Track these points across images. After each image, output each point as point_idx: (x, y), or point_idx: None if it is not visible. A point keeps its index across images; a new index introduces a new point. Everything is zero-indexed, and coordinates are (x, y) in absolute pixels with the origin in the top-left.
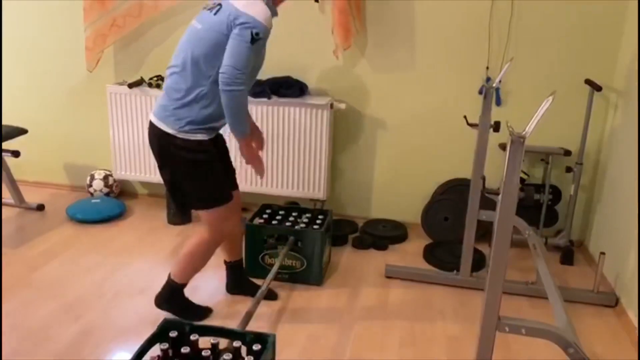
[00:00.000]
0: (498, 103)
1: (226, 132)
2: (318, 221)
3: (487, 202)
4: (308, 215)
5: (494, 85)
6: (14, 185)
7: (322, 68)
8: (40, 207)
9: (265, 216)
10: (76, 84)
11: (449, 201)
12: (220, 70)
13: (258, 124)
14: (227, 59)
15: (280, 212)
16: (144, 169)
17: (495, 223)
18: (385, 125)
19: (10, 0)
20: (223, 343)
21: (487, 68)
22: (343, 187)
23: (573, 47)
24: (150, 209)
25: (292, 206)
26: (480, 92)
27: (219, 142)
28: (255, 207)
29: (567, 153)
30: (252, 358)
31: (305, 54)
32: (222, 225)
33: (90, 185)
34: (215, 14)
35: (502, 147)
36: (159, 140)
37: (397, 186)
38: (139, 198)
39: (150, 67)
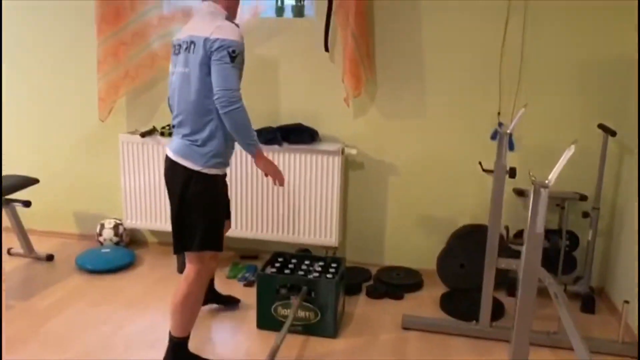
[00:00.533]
0: (511, 148)
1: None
2: (331, 270)
3: (506, 249)
4: (321, 263)
5: (507, 131)
6: (24, 235)
7: (332, 115)
8: (50, 257)
9: (277, 265)
10: (88, 133)
11: (465, 248)
12: (215, 97)
13: None
14: (216, 84)
15: (292, 261)
16: (155, 217)
17: (520, 275)
18: (396, 170)
19: (24, 50)
20: None
21: (499, 113)
22: (355, 234)
23: (585, 91)
24: (160, 258)
25: (304, 254)
26: (492, 138)
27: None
28: (266, 254)
29: (583, 198)
30: None
31: (316, 101)
32: (211, 263)
33: (100, 235)
34: (193, 52)
35: (517, 192)
36: (181, 177)
37: (410, 232)
38: (148, 246)
39: (162, 116)
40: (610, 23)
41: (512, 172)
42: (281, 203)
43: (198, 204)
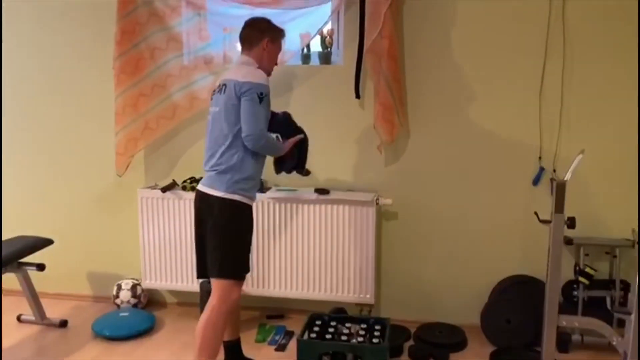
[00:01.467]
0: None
1: None
2: (376, 333)
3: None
4: (364, 325)
5: (565, 178)
6: (36, 300)
7: (363, 163)
8: (64, 323)
9: (315, 329)
10: (104, 189)
11: (510, 301)
12: (243, 135)
13: (301, 224)
14: (245, 125)
15: (332, 323)
16: (175, 277)
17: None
18: (432, 220)
19: (38, 102)
20: None
21: (540, 158)
22: (390, 289)
23: (625, 132)
24: (181, 320)
25: (344, 316)
26: (534, 183)
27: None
28: (293, 313)
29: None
30: None
31: (346, 148)
32: (233, 291)
33: (117, 297)
34: (223, 93)
35: (566, 241)
36: (205, 204)
37: (449, 286)
38: (167, 308)
39: (182, 169)
40: None
41: (572, 223)
42: (311, 258)
43: (223, 231)
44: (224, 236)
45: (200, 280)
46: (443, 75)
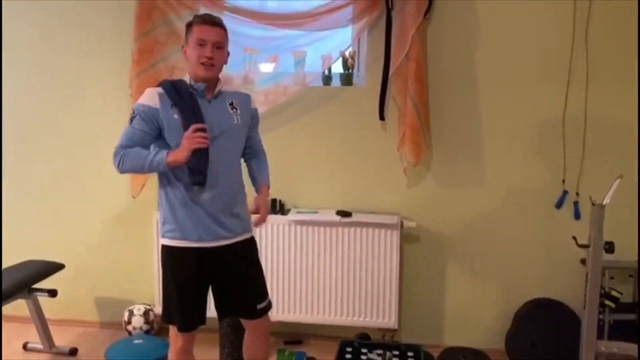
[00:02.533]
0: (577, 217)
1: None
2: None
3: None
4: (395, 352)
5: (603, 203)
6: (44, 328)
7: (385, 185)
8: (73, 352)
9: (348, 356)
10: (117, 210)
11: (535, 325)
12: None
13: (322, 247)
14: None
15: (363, 350)
16: None
17: None
18: (455, 242)
19: (47, 122)
20: None
21: (563, 181)
22: (412, 312)
23: None
24: (196, 346)
25: (374, 342)
26: (557, 207)
27: (209, 258)
28: (311, 338)
29: None
30: None
31: (369, 171)
32: (176, 340)
33: (129, 323)
34: None
35: (584, 262)
36: None
37: (472, 309)
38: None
39: None
40: None
41: (611, 247)
42: (332, 282)
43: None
44: (163, 279)
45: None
46: (466, 98)
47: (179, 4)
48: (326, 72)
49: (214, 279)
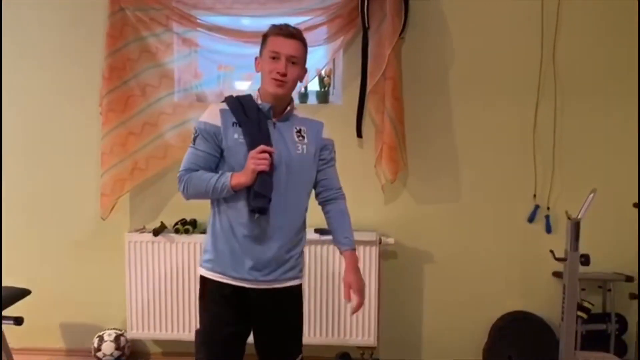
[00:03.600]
0: (549, 231)
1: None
2: None
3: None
4: None
5: (579, 217)
6: (9, 358)
7: (362, 202)
8: None
9: None
10: (85, 233)
11: (511, 337)
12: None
13: (305, 267)
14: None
15: None
16: (161, 325)
17: None
18: (431, 258)
19: (12, 142)
20: None
21: (535, 196)
22: (390, 329)
23: (617, 171)
24: None
25: None
26: (529, 221)
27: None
28: None
29: (630, 279)
30: None
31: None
32: None
33: (99, 349)
34: None
35: (556, 274)
36: None
37: (449, 324)
38: (152, 359)
39: (171, 211)
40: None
41: (587, 260)
42: (311, 300)
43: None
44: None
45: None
46: (440, 115)
47: (151, 20)
48: (302, 90)
49: (252, 324)
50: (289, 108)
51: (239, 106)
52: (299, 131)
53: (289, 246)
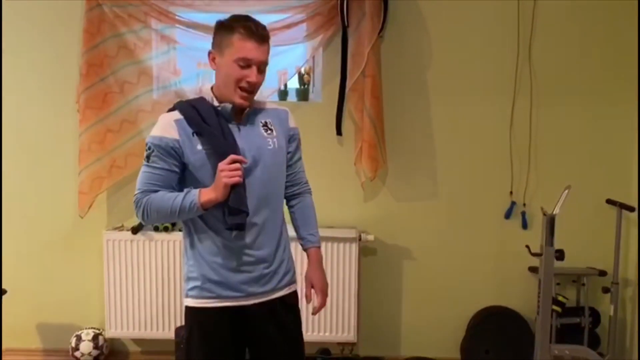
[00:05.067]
0: (525, 227)
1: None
2: None
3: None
4: None
5: (554, 212)
6: None
7: (341, 199)
8: None
9: None
10: (62, 231)
11: (488, 332)
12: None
13: None
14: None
15: None
16: (140, 324)
17: None
18: (410, 254)
19: None
20: None
21: (511, 193)
22: (369, 325)
23: (592, 168)
24: None
25: (338, 357)
26: (506, 217)
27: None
28: None
29: (602, 273)
30: None
31: (324, 185)
32: None
33: (77, 349)
34: None
35: (531, 270)
36: None
37: (427, 319)
38: (131, 358)
39: None
40: (615, 102)
41: (561, 255)
42: None
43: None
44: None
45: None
46: (418, 114)
47: (129, 17)
48: (282, 87)
49: (250, 345)
50: (248, 109)
51: (195, 113)
52: (265, 124)
53: (279, 248)
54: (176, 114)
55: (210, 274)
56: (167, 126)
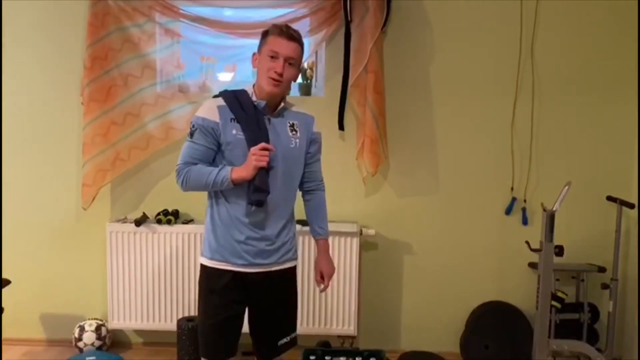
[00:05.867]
0: (525, 223)
1: None
2: None
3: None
4: (359, 358)
5: (554, 209)
6: None
7: (343, 194)
8: None
9: None
10: (66, 223)
11: (488, 327)
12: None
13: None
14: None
15: (327, 358)
16: (142, 315)
17: None
18: (411, 249)
19: None
20: None
21: (512, 189)
22: (369, 318)
23: (592, 165)
24: None
25: (339, 349)
26: (506, 213)
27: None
28: None
29: (602, 269)
30: None
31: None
32: None
33: (80, 339)
34: None
35: (531, 265)
36: None
37: (427, 314)
38: (133, 348)
39: (152, 201)
40: (616, 99)
41: (560, 251)
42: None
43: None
44: (199, 305)
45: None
46: (421, 109)
47: (133, 10)
48: None
49: (249, 306)
50: (282, 104)
51: (236, 102)
52: (292, 125)
53: (283, 231)
54: (220, 101)
55: (222, 241)
56: (210, 110)
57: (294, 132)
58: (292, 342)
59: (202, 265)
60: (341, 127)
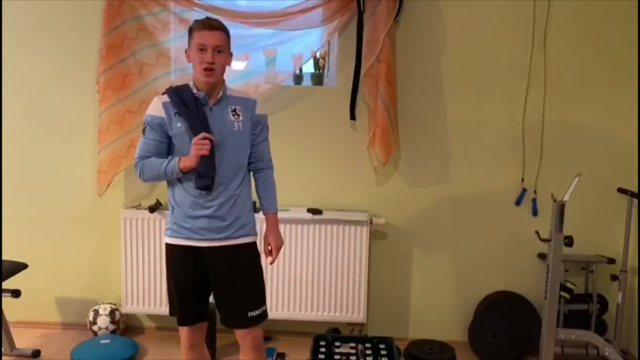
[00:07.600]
0: (535, 214)
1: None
2: (382, 352)
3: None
4: (368, 345)
5: (563, 199)
6: (5, 329)
7: (354, 183)
8: (36, 354)
9: (322, 350)
10: (81, 209)
11: (496, 316)
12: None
13: (294, 244)
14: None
15: (336, 344)
16: (155, 300)
17: None
18: (420, 238)
19: (7, 120)
20: None
21: (522, 180)
22: (378, 306)
23: (603, 157)
24: (164, 346)
25: (348, 336)
26: (516, 204)
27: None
28: (285, 335)
29: (611, 261)
30: None
31: (338, 169)
32: (182, 333)
33: (94, 323)
34: None
35: (541, 256)
36: None
37: (436, 302)
38: (146, 333)
39: (166, 189)
40: (627, 92)
41: (570, 241)
42: (302, 278)
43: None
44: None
45: None
46: (432, 100)
47: None
48: (297, 71)
49: (208, 279)
50: (221, 93)
51: (178, 98)
52: (234, 110)
53: (235, 207)
54: (165, 98)
55: (179, 219)
56: (156, 107)
57: (236, 116)
58: (263, 315)
59: (166, 245)
60: (353, 116)
